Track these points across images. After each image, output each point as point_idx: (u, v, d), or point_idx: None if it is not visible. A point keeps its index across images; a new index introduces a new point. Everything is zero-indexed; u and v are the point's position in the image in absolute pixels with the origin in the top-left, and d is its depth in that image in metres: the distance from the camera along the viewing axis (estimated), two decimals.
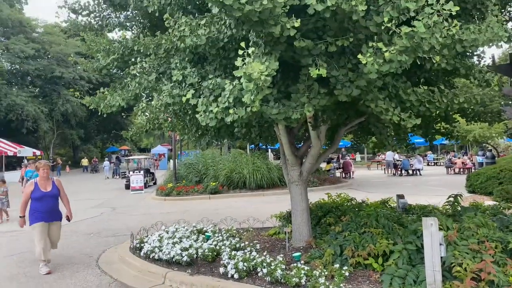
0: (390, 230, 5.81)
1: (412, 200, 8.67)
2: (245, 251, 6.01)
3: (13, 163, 30.64)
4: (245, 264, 5.33)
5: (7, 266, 6.88)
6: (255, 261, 5.43)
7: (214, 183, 16.17)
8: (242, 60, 3.79)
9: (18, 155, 29.19)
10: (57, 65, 36.56)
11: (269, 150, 31.01)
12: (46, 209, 6.39)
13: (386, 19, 3.73)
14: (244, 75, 3.72)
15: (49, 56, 37.60)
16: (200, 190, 16.32)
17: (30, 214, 6.36)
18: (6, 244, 8.60)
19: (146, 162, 26.57)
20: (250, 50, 3.77)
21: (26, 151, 29.94)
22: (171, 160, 27.05)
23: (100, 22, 6.63)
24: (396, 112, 4.59)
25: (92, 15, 6.63)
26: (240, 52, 3.83)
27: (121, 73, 7.92)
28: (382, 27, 3.83)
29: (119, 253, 7.02)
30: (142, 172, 20.13)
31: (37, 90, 38.35)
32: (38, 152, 31.69)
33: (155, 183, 22.29)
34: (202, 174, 17.96)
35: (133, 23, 6.63)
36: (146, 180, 20.69)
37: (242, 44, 3.82)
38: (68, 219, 6.78)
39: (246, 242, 6.62)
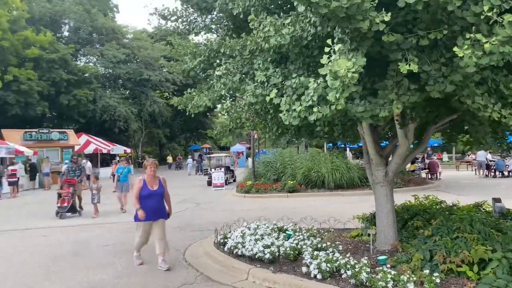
0: (487, 236, 5.38)
1: (510, 204, 7.92)
2: (327, 251, 5.93)
3: (107, 160, 33.33)
4: (328, 265, 5.26)
5: (103, 254, 7.51)
6: (338, 262, 5.34)
7: (292, 182, 16.19)
8: (328, 58, 3.74)
9: (111, 152, 31.74)
10: (145, 68, 39.12)
11: (348, 148, 30.28)
12: (152, 207, 6.38)
13: (486, 8, 3.44)
14: (329, 72, 3.66)
15: (138, 60, 40.33)
16: (278, 188, 16.43)
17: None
18: (102, 235, 9.37)
19: (228, 159, 27.40)
20: (336, 47, 3.70)
21: (118, 149, 32.43)
22: (249, 158, 27.59)
23: (187, 26, 6.95)
24: (496, 109, 4.21)
25: (179, 20, 6.97)
26: (326, 49, 3.78)
27: (203, 75, 8.25)
28: (481, 17, 3.54)
29: (204, 248, 7.31)
30: (223, 169, 20.77)
31: (127, 92, 41.41)
32: (128, 150, 34.17)
33: (234, 180, 22.88)
34: (279, 172, 18.07)
35: (218, 25, 6.86)
36: (227, 177, 21.32)
37: (329, 41, 3.76)
38: (168, 216, 6.77)
39: (328, 243, 6.53)
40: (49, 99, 31.93)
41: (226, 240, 6.97)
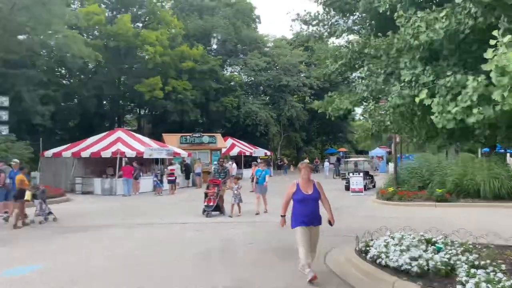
0: None
1: None
2: (487, 270, 5.23)
3: (249, 162, 35.36)
4: (488, 285, 4.64)
5: (249, 252, 7.92)
6: (502, 284, 4.66)
7: (440, 190, 14.82)
8: (493, 51, 3.30)
9: (253, 155, 33.57)
10: (284, 74, 40.44)
11: (508, 153, 26.53)
12: (307, 212, 6.04)
13: None
14: (495, 68, 3.23)
15: (277, 67, 41.93)
16: (424, 196, 15.23)
17: (292, 216, 6.18)
18: (247, 233, 9.90)
19: (367, 164, 26.58)
20: (505, 39, 3.23)
21: (259, 152, 34.14)
22: (389, 163, 26.21)
23: (328, 30, 6.94)
24: None
25: (321, 24, 6.99)
26: (491, 42, 3.34)
27: (340, 78, 8.11)
28: None
29: (345, 254, 7.17)
30: (361, 174, 20.16)
31: (267, 98, 43.39)
32: (268, 153, 35.68)
33: (374, 186, 22.00)
34: (425, 179, 16.73)
35: (361, 26, 6.69)
36: (366, 183, 20.63)
37: (495, 32, 3.32)
38: (331, 224, 6.31)
39: (488, 261, 5.77)
40: (201, 106, 35.43)
41: (368, 248, 6.71)
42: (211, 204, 12.59)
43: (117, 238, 9.55)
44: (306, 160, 41.07)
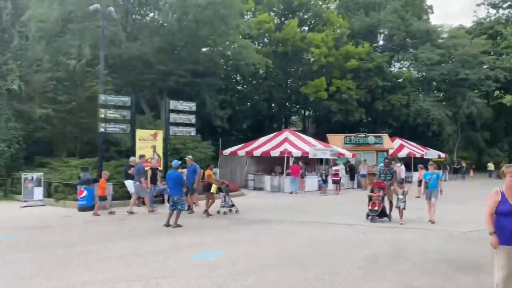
0: None
1: None
2: None
3: (422, 164, 32.85)
4: None
5: (422, 261, 7.34)
6: None
7: None
8: None
9: (424, 157, 31.02)
10: (462, 67, 36.14)
11: None
12: None
13: None
14: None
15: (453, 60, 37.79)
16: None
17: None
18: (416, 240, 9.20)
19: None
20: None
21: (431, 153, 31.33)
22: None
23: None
24: None
25: None
26: None
27: None
28: None
29: None
30: None
31: (441, 95, 39.58)
32: (442, 155, 32.53)
33: None
34: None
35: None
36: None
37: None
38: None
39: None
40: (365, 106, 34.55)
41: None
42: (376, 208, 11.96)
43: (285, 233, 10.02)
44: (490, 164, 35.89)
